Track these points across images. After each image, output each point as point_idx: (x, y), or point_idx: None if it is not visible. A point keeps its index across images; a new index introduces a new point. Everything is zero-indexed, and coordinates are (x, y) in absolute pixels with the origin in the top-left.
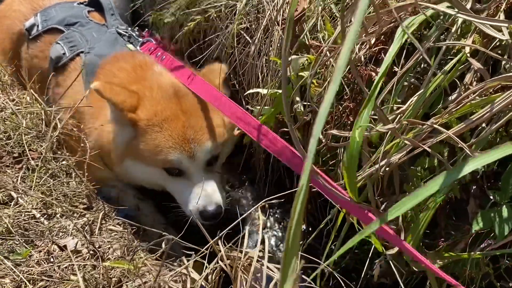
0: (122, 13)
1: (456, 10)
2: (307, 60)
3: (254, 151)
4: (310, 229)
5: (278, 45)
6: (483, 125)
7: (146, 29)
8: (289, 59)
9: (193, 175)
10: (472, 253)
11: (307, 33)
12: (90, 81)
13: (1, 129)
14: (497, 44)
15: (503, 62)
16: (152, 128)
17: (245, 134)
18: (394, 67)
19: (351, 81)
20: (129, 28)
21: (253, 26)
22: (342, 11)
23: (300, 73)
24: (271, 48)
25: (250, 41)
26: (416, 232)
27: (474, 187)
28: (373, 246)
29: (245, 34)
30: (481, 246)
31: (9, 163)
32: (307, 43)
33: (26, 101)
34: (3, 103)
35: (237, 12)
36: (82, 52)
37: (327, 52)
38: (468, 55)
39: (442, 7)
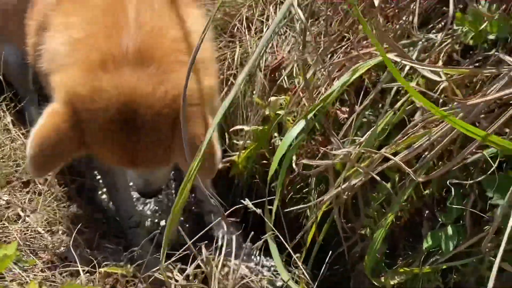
0: None
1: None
2: (284, 100)
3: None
4: None
5: (260, 88)
6: (426, 153)
7: None
8: (269, 100)
9: None
10: (423, 267)
11: (285, 78)
12: None
13: (12, 158)
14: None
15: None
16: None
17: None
18: (356, 106)
19: None
20: None
21: (239, 72)
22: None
23: (278, 112)
24: (253, 91)
25: None
26: (373, 250)
27: (427, 211)
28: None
29: (232, 79)
30: (431, 260)
31: (18, 187)
32: (285, 86)
33: None
34: (15, 135)
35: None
36: None
37: (300, 93)
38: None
39: (392, 55)
